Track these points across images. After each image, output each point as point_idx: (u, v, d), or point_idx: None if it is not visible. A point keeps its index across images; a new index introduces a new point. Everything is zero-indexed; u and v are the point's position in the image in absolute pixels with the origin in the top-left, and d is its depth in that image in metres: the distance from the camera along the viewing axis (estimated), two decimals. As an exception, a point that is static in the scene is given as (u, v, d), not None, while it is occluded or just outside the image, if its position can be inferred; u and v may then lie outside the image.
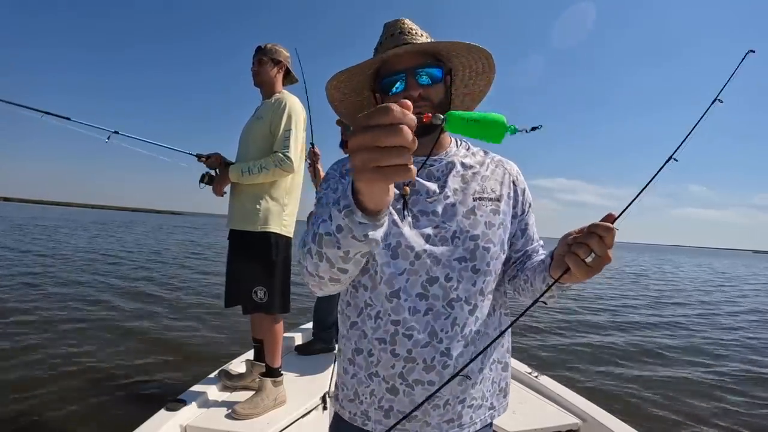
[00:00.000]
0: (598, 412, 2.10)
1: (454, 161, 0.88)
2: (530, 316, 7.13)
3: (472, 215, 0.83)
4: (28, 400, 3.00)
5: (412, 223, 0.82)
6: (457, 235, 0.81)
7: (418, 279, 0.80)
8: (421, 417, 0.81)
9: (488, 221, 0.83)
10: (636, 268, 21.43)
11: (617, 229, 0.62)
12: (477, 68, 0.89)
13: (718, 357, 5.44)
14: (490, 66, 0.87)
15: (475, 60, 0.87)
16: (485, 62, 0.87)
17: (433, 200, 0.83)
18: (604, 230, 0.61)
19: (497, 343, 0.86)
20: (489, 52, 0.83)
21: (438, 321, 0.79)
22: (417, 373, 0.79)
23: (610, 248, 0.62)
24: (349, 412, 0.87)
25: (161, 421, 1.83)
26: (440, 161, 0.87)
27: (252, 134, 2.23)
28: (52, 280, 7.62)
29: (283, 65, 2.30)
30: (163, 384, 3.45)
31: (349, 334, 0.87)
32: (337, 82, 0.86)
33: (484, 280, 0.82)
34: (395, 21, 0.87)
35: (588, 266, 0.63)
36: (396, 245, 0.80)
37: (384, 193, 0.52)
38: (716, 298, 11.70)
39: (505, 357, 0.90)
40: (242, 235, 2.19)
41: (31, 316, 5.16)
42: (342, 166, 0.90)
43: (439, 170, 0.87)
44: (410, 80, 0.80)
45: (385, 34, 0.87)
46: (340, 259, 0.63)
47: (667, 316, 8.18)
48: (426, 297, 0.80)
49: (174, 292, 7.53)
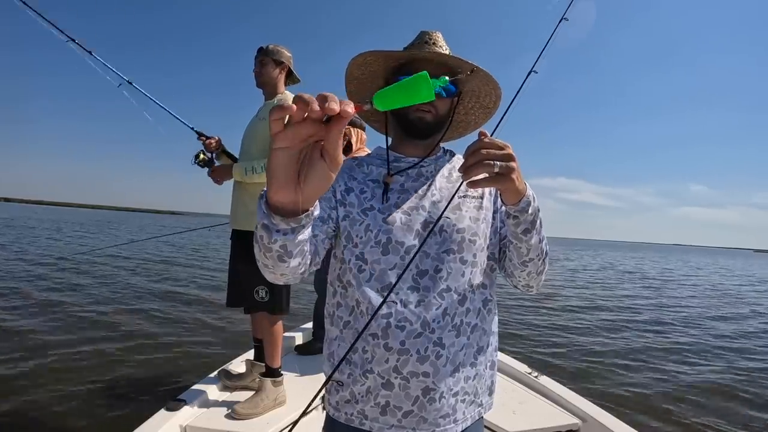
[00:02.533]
0: (598, 412, 2.10)
1: (443, 164, 0.95)
2: (530, 316, 7.14)
3: (457, 210, 0.88)
4: (28, 400, 3.01)
5: (401, 218, 0.85)
6: (444, 228, 0.86)
7: (409, 273, 0.83)
8: (417, 412, 0.81)
9: (472, 216, 0.88)
10: (656, 269, 21.42)
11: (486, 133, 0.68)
12: (484, 102, 0.97)
13: (723, 358, 5.44)
14: (496, 105, 0.96)
15: (486, 93, 0.95)
16: (494, 99, 0.95)
17: (422, 197, 0.89)
18: (482, 144, 0.67)
19: (486, 339, 0.89)
20: (501, 90, 0.92)
21: (429, 312, 0.82)
22: (411, 365, 0.80)
23: (501, 148, 0.66)
24: (346, 413, 0.87)
25: (161, 421, 1.82)
26: (430, 163, 0.94)
27: (254, 134, 2.24)
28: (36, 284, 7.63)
29: (285, 66, 2.30)
30: (163, 384, 3.46)
31: (342, 335, 0.88)
32: (363, 59, 0.90)
33: (471, 271, 0.86)
34: (432, 31, 0.93)
35: (500, 173, 0.66)
36: (386, 241, 0.84)
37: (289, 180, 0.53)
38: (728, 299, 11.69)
39: (492, 355, 0.92)
40: (244, 235, 2.19)
41: (29, 315, 5.17)
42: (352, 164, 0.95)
43: (428, 171, 0.93)
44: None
45: (418, 38, 0.93)
46: (271, 247, 0.65)
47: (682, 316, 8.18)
48: (417, 289, 0.83)
49: (174, 292, 7.55)
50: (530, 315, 7.30)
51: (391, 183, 0.89)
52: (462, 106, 0.99)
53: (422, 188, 0.90)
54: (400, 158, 0.93)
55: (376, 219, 0.85)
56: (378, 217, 0.85)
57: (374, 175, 0.91)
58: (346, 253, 0.86)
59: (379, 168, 0.92)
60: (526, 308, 7.77)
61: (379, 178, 0.91)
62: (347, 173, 0.92)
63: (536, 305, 8.20)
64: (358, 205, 0.87)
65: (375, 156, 0.96)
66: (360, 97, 0.98)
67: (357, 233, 0.85)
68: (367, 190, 0.89)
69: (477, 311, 0.87)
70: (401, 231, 0.84)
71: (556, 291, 10.57)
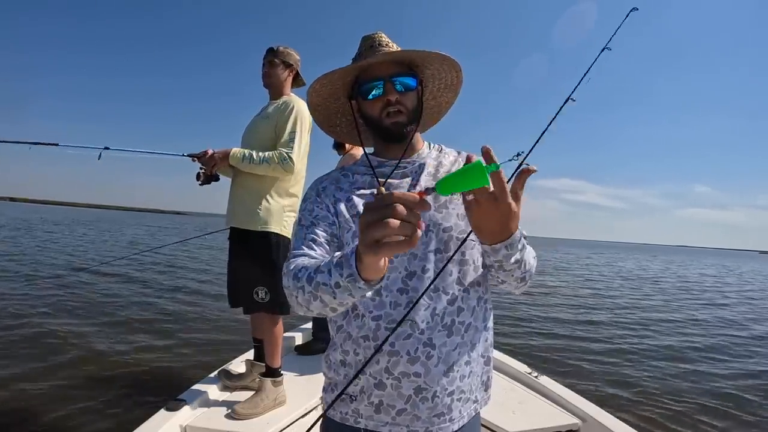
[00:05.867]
0: (598, 412, 2.09)
1: (426, 162, 0.94)
2: (529, 316, 7.13)
3: (443, 209, 0.87)
4: (28, 400, 3.02)
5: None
6: (430, 228, 0.85)
7: (398, 276, 0.83)
8: (411, 410, 0.82)
9: (460, 213, 0.87)
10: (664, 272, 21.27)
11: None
12: (447, 80, 0.97)
13: (725, 358, 5.41)
14: (459, 80, 0.96)
15: (447, 72, 0.94)
16: (455, 75, 0.95)
17: None
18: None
19: (480, 336, 0.89)
20: (460, 66, 0.91)
21: (418, 312, 0.81)
22: (402, 366, 0.81)
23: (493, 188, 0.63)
24: (341, 412, 0.88)
25: (161, 421, 1.83)
26: (413, 163, 0.93)
27: (257, 132, 2.24)
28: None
29: (294, 68, 2.30)
30: (163, 384, 3.46)
31: (335, 339, 0.90)
32: (319, 86, 0.92)
33: (460, 270, 0.85)
34: (373, 34, 0.93)
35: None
36: None
37: (384, 263, 0.61)
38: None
39: (487, 351, 0.92)
40: (243, 234, 2.19)
41: (28, 315, 5.20)
42: (318, 184, 0.96)
43: (411, 171, 0.93)
44: (388, 86, 0.88)
45: (363, 45, 0.93)
46: (333, 303, 0.70)
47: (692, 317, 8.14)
48: (406, 291, 0.83)
49: (173, 291, 7.56)
50: (529, 314, 7.28)
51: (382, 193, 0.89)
52: (428, 91, 0.98)
53: (407, 190, 0.89)
54: (383, 163, 0.94)
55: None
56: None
57: (360, 183, 0.93)
58: None
59: (363, 176, 0.94)
60: (527, 305, 7.76)
61: (364, 186, 0.92)
62: (334, 185, 0.94)
63: (537, 304, 8.18)
64: (347, 214, 0.88)
65: (360, 164, 0.97)
66: (327, 121, 1.02)
67: (347, 241, 0.86)
68: (354, 198, 0.90)
69: (471, 310, 0.86)
70: None
71: (570, 291, 10.55)
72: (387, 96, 0.87)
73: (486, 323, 0.91)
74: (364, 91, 0.90)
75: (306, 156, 2.29)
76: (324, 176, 0.99)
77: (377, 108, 0.89)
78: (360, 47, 0.94)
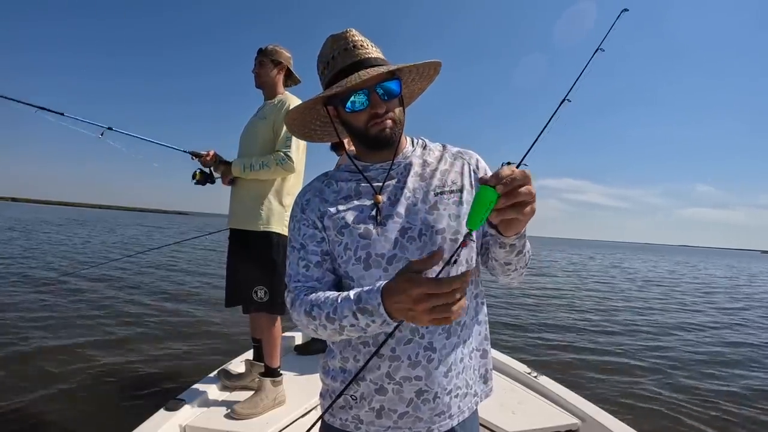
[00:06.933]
0: (598, 412, 2.09)
1: (412, 161, 0.90)
2: (528, 315, 7.11)
3: (435, 210, 0.84)
4: (27, 400, 3.03)
5: (377, 231, 0.83)
6: (423, 232, 0.82)
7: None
8: (413, 413, 0.82)
9: (452, 213, 0.84)
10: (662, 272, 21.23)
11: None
12: (424, 72, 0.91)
13: (725, 362, 5.40)
14: (437, 71, 0.92)
15: (426, 67, 0.89)
16: (433, 69, 0.91)
17: (395, 202, 0.85)
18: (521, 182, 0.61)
19: (476, 332, 0.89)
20: (441, 64, 0.88)
21: None
22: (403, 371, 0.81)
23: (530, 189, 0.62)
24: (341, 419, 0.88)
25: (161, 421, 1.83)
26: (399, 164, 0.89)
27: (254, 133, 2.24)
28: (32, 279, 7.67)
29: (284, 66, 2.31)
30: (163, 384, 3.47)
31: (333, 346, 0.90)
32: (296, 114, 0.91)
33: (456, 271, 0.83)
34: (343, 34, 0.85)
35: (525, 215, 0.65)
36: (366, 257, 0.82)
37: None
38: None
39: (483, 344, 0.92)
40: (243, 235, 2.20)
41: (27, 314, 5.21)
42: (302, 198, 0.91)
43: (398, 173, 0.89)
44: (374, 96, 0.82)
45: (335, 47, 0.84)
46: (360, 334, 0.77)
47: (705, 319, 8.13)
48: None
49: (174, 292, 7.57)
50: (528, 314, 7.27)
51: (380, 202, 0.85)
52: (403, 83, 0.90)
53: (395, 194, 0.86)
54: (368, 167, 0.90)
55: (353, 236, 0.83)
56: (354, 233, 0.83)
57: (345, 192, 0.89)
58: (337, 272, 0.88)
59: (348, 182, 0.90)
60: (528, 305, 7.75)
61: (350, 194, 0.88)
62: (318, 197, 0.89)
63: (537, 304, 8.17)
64: (333, 227, 0.85)
65: (343, 169, 0.93)
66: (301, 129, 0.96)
67: (339, 254, 0.85)
68: (341, 209, 0.86)
69: (466, 309, 0.86)
70: (379, 243, 0.82)
71: (567, 292, 10.53)
72: (375, 109, 0.82)
73: (480, 317, 0.91)
74: (347, 102, 0.83)
75: (305, 152, 2.30)
76: (307, 187, 0.94)
77: (362, 120, 0.84)
78: (330, 50, 0.85)
